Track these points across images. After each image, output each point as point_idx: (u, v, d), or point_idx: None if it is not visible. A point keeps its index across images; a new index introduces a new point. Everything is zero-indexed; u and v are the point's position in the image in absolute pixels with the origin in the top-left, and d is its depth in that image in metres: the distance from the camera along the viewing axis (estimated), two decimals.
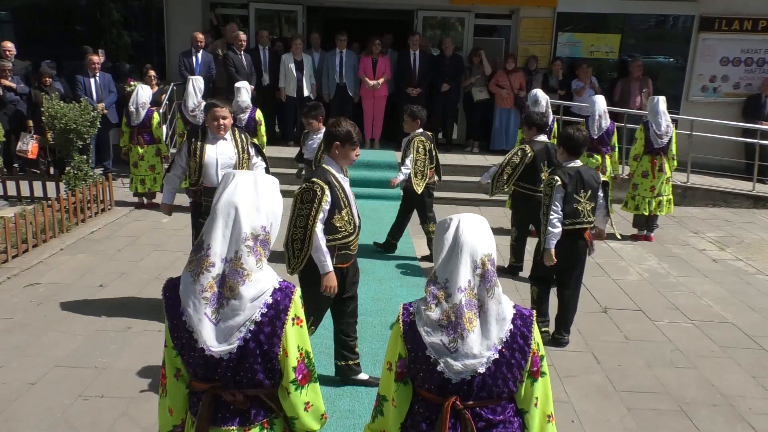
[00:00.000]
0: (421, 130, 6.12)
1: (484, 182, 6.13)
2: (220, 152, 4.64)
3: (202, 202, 4.66)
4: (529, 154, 5.75)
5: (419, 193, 6.03)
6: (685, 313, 5.43)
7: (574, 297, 4.76)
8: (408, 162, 6.00)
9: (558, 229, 4.47)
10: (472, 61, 10.25)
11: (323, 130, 5.63)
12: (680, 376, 4.36)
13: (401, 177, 6.06)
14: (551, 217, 4.46)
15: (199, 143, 4.62)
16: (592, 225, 4.63)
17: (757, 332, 5.10)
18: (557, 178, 4.48)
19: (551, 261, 4.51)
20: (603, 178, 4.71)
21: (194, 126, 6.24)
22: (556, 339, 4.78)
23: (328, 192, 3.50)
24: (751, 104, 10.54)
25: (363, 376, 4.05)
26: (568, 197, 4.45)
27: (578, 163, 4.59)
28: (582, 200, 4.50)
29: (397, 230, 6.60)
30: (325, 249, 3.57)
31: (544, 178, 5.54)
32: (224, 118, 4.57)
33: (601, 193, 4.63)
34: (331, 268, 3.61)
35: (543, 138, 5.98)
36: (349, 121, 3.68)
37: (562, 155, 4.65)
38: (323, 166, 3.66)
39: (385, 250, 6.66)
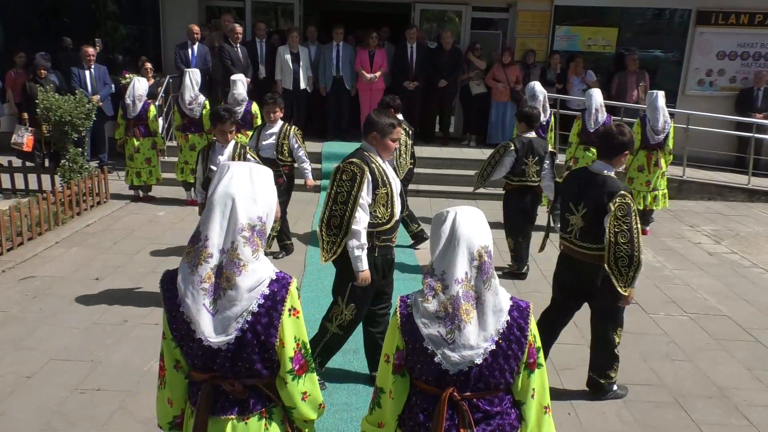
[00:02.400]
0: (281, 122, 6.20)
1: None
2: (393, 176, 3.69)
3: (387, 245, 3.65)
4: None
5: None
6: (681, 306, 5.45)
7: (528, 240, 5.92)
8: (303, 154, 5.98)
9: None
10: (473, 53, 10.23)
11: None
12: (676, 368, 4.38)
13: (309, 172, 6.11)
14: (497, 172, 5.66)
15: (381, 170, 3.56)
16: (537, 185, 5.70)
17: (752, 325, 5.12)
18: (512, 144, 5.63)
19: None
20: (550, 148, 5.74)
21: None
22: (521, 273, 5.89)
23: None
24: (743, 97, 10.56)
25: None
26: (519, 161, 5.55)
27: (532, 134, 5.72)
28: (529, 164, 5.57)
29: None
30: None
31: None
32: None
33: (547, 161, 5.61)
34: None
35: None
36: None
37: (522, 128, 5.76)
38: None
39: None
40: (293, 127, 6.04)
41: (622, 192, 3.48)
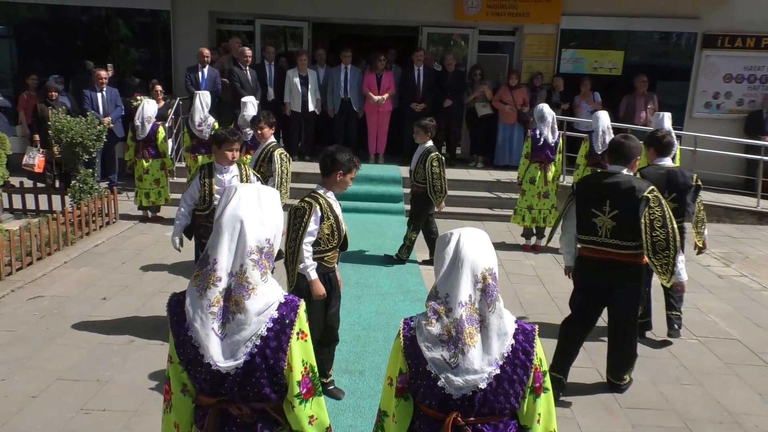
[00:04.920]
0: None
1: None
2: None
3: None
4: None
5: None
6: (690, 329, 5.39)
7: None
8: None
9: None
10: (473, 77, 10.31)
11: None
12: (685, 392, 4.32)
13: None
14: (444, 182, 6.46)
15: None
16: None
17: (762, 349, 5.05)
18: (438, 154, 6.48)
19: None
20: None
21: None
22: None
23: None
24: (752, 120, 10.56)
25: None
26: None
27: (430, 143, 6.53)
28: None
29: None
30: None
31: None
32: None
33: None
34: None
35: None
36: None
37: (423, 138, 6.51)
38: None
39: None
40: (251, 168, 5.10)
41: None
